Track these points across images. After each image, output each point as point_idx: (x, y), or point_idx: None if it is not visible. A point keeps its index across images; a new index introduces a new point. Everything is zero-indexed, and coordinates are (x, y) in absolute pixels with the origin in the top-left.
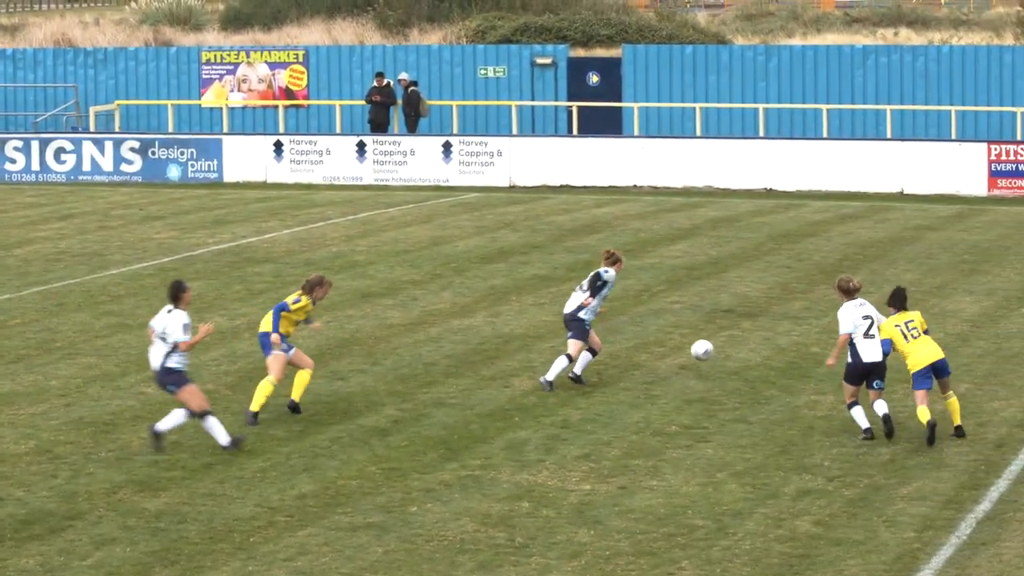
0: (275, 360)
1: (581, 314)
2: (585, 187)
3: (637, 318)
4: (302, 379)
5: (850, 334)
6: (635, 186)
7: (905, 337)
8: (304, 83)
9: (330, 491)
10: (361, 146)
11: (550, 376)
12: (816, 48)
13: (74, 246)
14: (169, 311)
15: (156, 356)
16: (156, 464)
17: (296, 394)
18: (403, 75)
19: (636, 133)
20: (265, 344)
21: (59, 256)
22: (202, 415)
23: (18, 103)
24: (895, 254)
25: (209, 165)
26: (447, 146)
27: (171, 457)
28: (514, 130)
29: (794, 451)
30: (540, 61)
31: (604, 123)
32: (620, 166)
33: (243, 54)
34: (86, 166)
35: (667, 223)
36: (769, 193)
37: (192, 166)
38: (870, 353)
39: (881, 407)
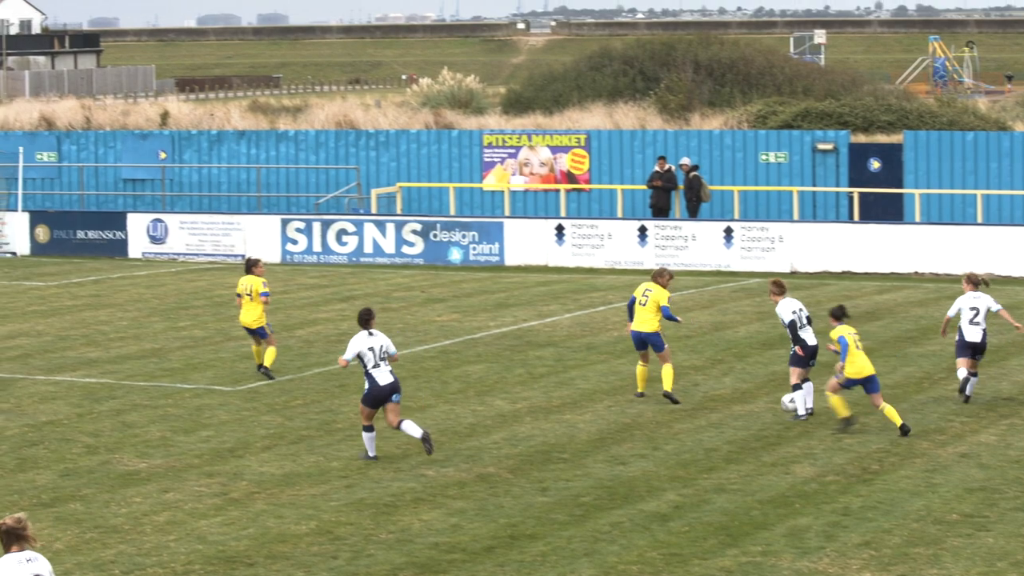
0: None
1: None
2: (866, 273)
3: (918, 405)
4: (668, 371)
5: (951, 317)
6: (916, 272)
7: (857, 345)
8: (586, 167)
9: None
10: (643, 230)
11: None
12: None
13: (356, 327)
14: (372, 334)
15: (387, 374)
16: (436, 547)
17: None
18: (685, 160)
19: (917, 219)
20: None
21: (341, 337)
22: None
23: (300, 184)
24: None
25: (491, 248)
26: (728, 231)
27: (451, 540)
28: (795, 215)
29: None
30: (821, 147)
31: (885, 209)
32: (901, 252)
33: (525, 137)
34: (368, 248)
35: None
36: None
37: (474, 249)
38: (972, 335)
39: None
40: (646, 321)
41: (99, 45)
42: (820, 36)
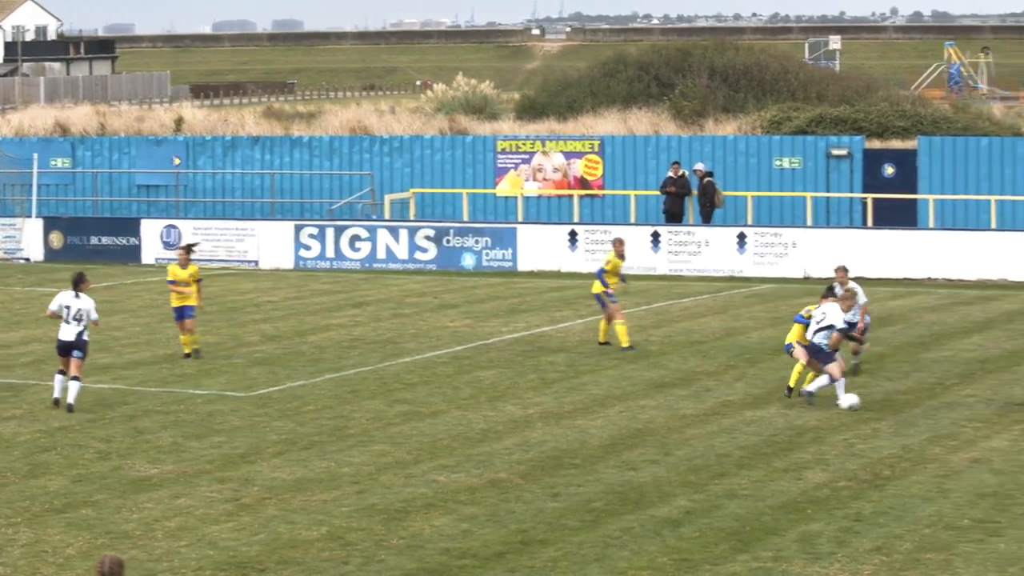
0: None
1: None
2: (879, 279)
3: (930, 411)
4: (622, 329)
5: None
6: (929, 278)
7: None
8: (599, 173)
9: None
10: (655, 236)
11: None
12: None
13: (368, 333)
14: (77, 296)
15: (71, 332)
16: (447, 552)
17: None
18: (699, 165)
19: (931, 225)
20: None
21: (353, 343)
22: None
23: (314, 190)
24: None
25: (504, 254)
26: (742, 237)
27: (462, 545)
28: (809, 221)
29: None
30: (835, 152)
31: (899, 215)
32: (915, 258)
33: (538, 143)
34: (381, 254)
35: (961, 316)
36: None
37: (486, 255)
38: None
39: None
40: (593, 285)
41: (114, 51)
42: (835, 42)
